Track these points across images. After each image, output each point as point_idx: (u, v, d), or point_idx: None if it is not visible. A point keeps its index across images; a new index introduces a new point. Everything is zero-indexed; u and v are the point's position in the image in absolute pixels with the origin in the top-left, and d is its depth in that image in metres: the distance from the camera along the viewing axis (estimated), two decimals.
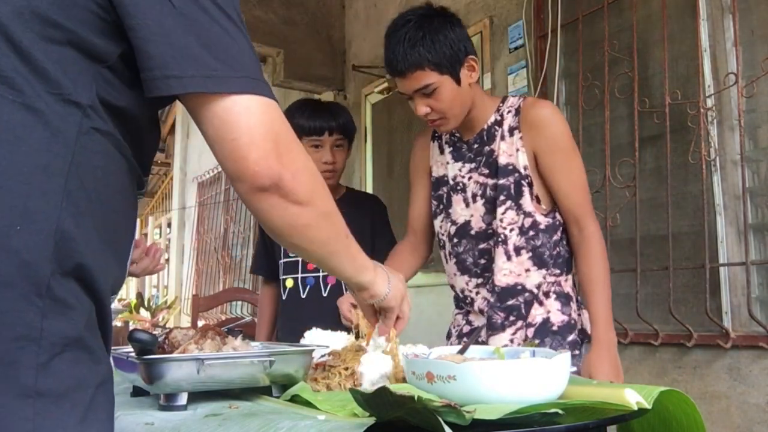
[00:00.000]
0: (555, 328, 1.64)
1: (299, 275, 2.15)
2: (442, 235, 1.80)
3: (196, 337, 1.14)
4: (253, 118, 0.78)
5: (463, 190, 1.74)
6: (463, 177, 1.74)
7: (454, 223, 1.75)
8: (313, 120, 2.06)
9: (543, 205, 1.66)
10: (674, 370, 2.44)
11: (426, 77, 1.57)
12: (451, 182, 1.76)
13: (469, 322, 1.79)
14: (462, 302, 1.79)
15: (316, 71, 4.43)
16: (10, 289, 0.63)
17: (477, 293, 1.73)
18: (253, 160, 0.79)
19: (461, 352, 1.11)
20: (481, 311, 1.72)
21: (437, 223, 1.81)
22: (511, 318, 1.65)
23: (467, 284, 1.74)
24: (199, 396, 1.07)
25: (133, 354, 1.04)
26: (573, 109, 2.97)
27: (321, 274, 2.14)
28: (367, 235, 2.10)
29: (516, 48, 3.24)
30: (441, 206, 1.80)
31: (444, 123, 1.66)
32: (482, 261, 1.71)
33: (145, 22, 0.72)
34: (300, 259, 2.15)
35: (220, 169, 6.74)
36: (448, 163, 1.77)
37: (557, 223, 1.69)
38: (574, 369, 1.53)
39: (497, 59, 3.37)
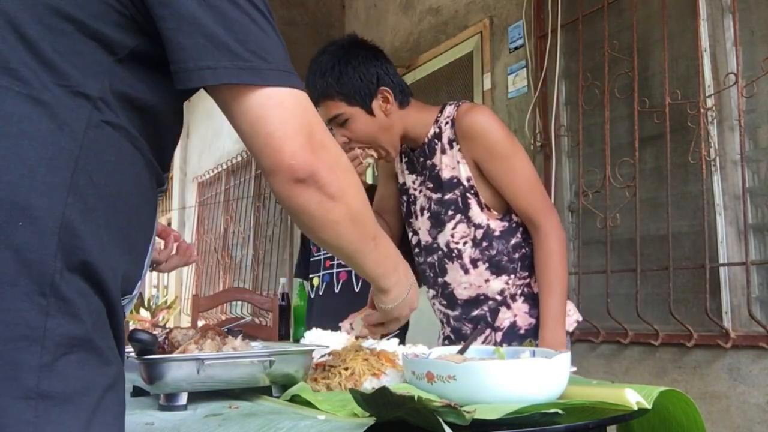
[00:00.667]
0: (522, 331, 1.62)
1: (321, 273, 2.25)
2: (411, 244, 1.80)
3: (196, 337, 1.14)
4: (287, 112, 0.78)
5: (415, 202, 1.75)
6: (415, 189, 1.75)
7: (415, 233, 1.77)
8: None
9: (495, 211, 1.64)
10: (674, 370, 2.44)
11: (335, 107, 1.59)
12: (409, 192, 1.78)
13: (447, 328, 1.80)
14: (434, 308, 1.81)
15: None
16: (11, 287, 0.61)
17: (434, 304, 1.76)
18: (288, 152, 0.78)
19: (461, 352, 1.11)
20: (441, 322, 1.75)
21: (407, 228, 1.82)
22: (479, 327, 1.65)
23: (428, 294, 1.77)
24: (199, 396, 1.07)
25: (133, 354, 1.04)
26: (573, 109, 2.98)
27: (335, 270, 2.20)
28: None
29: (516, 48, 3.24)
30: (405, 213, 1.81)
31: (378, 153, 1.66)
32: (431, 274, 1.73)
33: (177, 12, 0.71)
34: (321, 257, 2.24)
35: (220, 169, 6.75)
36: (404, 172, 1.79)
37: (514, 225, 1.65)
38: (574, 369, 1.53)
39: (497, 59, 3.37)
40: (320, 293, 2.26)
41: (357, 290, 2.17)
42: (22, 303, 0.62)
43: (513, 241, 1.64)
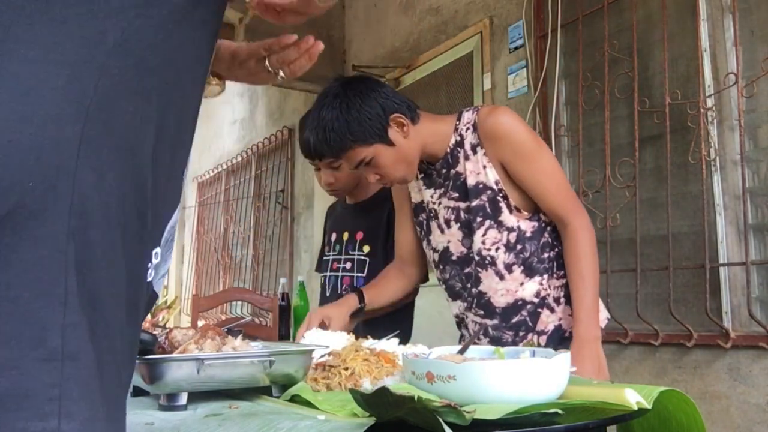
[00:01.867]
0: (567, 334, 1.60)
1: (327, 273, 2.26)
2: (431, 261, 1.80)
3: (196, 337, 1.14)
4: None
5: (436, 216, 1.72)
6: (435, 203, 1.72)
7: (435, 250, 1.75)
8: (302, 148, 2.08)
9: (525, 212, 1.62)
10: (674, 370, 2.44)
11: (357, 154, 1.58)
12: (427, 209, 1.75)
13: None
14: (460, 326, 1.78)
15: (316, 71, 4.38)
16: (32, 243, 0.58)
17: (466, 317, 1.72)
18: None
19: (461, 352, 1.11)
20: (477, 334, 1.70)
21: (425, 248, 1.81)
22: (521, 334, 1.62)
23: (460, 309, 1.74)
24: (199, 396, 1.07)
25: None
26: (573, 109, 2.98)
27: (341, 274, 2.23)
28: (383, 230, 2.14)
29: (516, 48, 3.24)
30: (422, 232, 1.79)
31: (400, 180, 1.66)
32: (469, 285, 1.69)
33: None
34: (330, 258, 2.27)
35: (220, 169, 6.75)
36: (421, 189, 1.76)
37: (543, 224, 1.63)
38: (574, 369, 1.53)
39: (497, 59, 3.37)
40: (327, 294, 2.27)
41: None
42: (42, 258, 0.59)
43: (542, 241, 1.63)
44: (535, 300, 1.62)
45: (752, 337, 2.22)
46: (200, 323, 3.24)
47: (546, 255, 1.63)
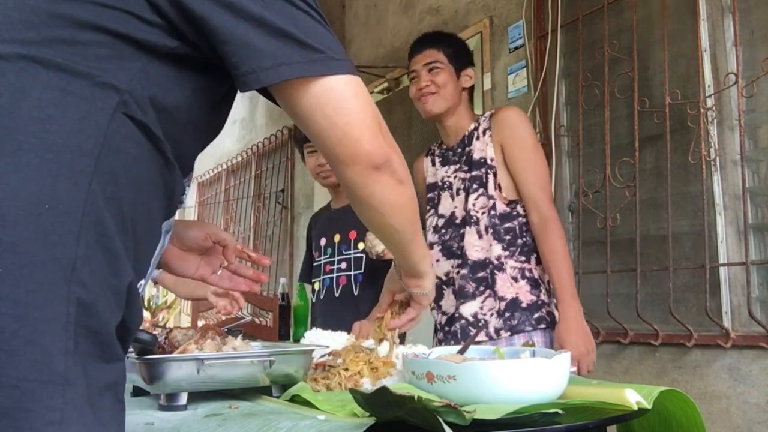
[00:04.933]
0: (524, 305, 1.83)
1: (321, 277, 2.27)
2: (428, 230, 2.03)
3: (196, 337, 1.14)
4: (361, 101, 0.80)
5: (450, 187, 2.01)
6: (449, 177, 2.02)
7: (441, 216, 2.00)
8: None
9: (504, 194, 1.89)
10: (674, 370, 2.44)
11: (435, 55, 1.97)
12: (440, 183, 2.04)
13: (443, 313, 1.95)
14: (444, 286, 1.95)
15: None
16: (38, 269, 0.61)
17: (457, 272, 1.91)
18: (366, 140, 0.81)
19: (461, 352, 1.11)
20: (441, 282, 1.93)
21: (426, 220, 2.05)
22: (481, 288, 1.85)
23: (452, 267, 1.93)
24: (199, 396, 1.07)
25: (133, 354, 1.04)
26: (573, 109, 2.98)
27: (335, 275, 2.23)
28: None
29: (516, 48, 3.24)
30: (430, 206, 2.06)
31: (435, 99, 1.95)
32: (462, 244, 1.92)
33: (243, 15, 0.72)
34: (322, 262, 2.27)
35: (220, 169, 6.75)
36: (437, 170, 2.07)
37: (515, 213, 1.88)
38: (574, 369, 1.53)
39: (497, 59, 3.37)
40: (321, 297, 2.27)
41: (356, 294, 2.18)
42: (48, 285, 0.61)
43: (507, 225, 1.88)
44: (495, 261, 1.85)
45: (752, 337, 2.22)
46: (200, 323, 3.24)
47: (510, 238, 1.87)
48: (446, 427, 0.74)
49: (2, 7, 0.68)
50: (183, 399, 1.03)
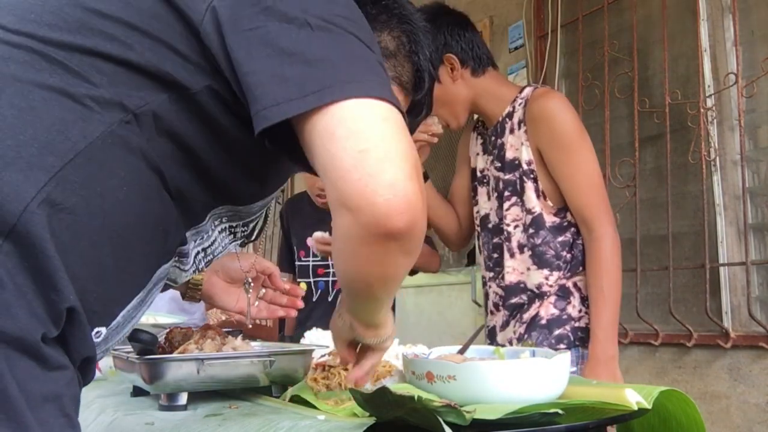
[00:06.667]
0: (543, 322, 1.58)
1: (311, 279, 2.22)
2: (476, 226, 1.80)
3: (196, 337, 1.14)
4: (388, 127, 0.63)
5: (487, 182, 1.73)
6: (488, 169, 1.73)
7: (478, 214, 1.76)
8: None
9: (550, 202, 1.59)
10: (674, 370, 2.44)
11: None
12: (479, 174, 1.76)
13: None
14: (485, 296, 1.78)
15: None
16: None
17: (490, 287, 1.72)
18: (389, 181, 0.61)
19: (461, 352, 1.11)
20: (495, 306, 1.71)
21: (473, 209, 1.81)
22: (515, 314, 1.64)
23: (484, 277, 1.74)
24: (199, 396, 1.07)
25: (133, 354, 1.04)
26: None
27: (331, 279, 2.19)
28: None
29: (516, 48, 3.24)
30: (472, 196, 1.80)
31: (446, 118, 1.67)
32: (495, 255, 1.69)
33: (261, 44, 0.66)
34: (310, 263, 2.21)
35: None
36: (478, 154, 1.78)
37: (566, 223, 1.59)
38: (574, 369, 1.53)
39: (497, 59, 3.34)
40: (314, 300, 2.23)
41: None
42: None
43: (560, 239, 1.59)
44: (535, 290, 1.60)
45: (752, 337, 2.22)
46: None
47: (564, 253, 1.59)
48: (446, 427, 0.74)
49: (56, 5, 0.68)
50: (183, 399, 1.03)
